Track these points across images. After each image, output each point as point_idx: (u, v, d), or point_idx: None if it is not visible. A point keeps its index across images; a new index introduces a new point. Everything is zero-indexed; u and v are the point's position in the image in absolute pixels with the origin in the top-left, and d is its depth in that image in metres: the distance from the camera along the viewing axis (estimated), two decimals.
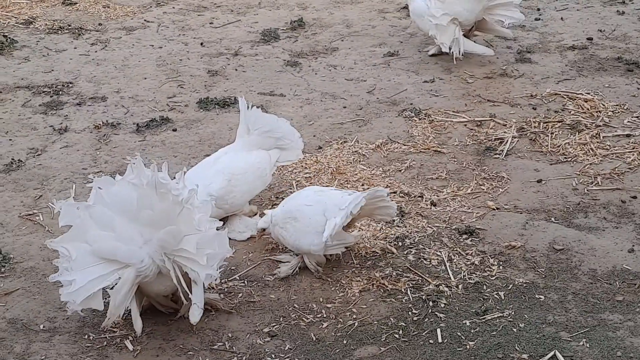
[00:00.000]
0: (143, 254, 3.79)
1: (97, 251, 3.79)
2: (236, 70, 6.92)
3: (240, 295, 4.24)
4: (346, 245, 4.40)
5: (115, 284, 3.79)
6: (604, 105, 6.08)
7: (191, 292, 3.89)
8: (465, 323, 4.01)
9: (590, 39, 7.30)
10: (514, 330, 3.95)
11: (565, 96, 6.26)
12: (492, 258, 4.48)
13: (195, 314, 3.87)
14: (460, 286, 4.27)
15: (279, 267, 4.43)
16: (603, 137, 5.67)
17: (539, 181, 5.19)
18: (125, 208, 3.81)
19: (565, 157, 5.45)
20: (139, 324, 3.92)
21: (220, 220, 4.65)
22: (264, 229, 4.56)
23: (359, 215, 4.31)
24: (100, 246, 3.79)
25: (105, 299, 3.84)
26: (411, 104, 6.23)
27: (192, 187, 3.87)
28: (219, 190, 4.61)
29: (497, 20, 6.91)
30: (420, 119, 5.98)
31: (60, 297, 3.78)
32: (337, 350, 3.87)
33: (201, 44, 7.47)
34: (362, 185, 5.12)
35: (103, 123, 6.00)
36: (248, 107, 4.85)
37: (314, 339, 3.95)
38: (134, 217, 3.81)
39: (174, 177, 3.87)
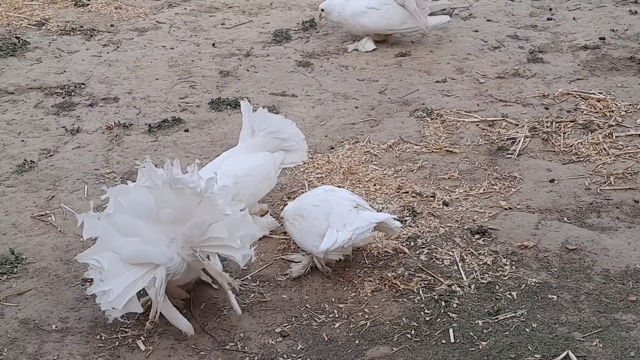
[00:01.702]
0: (172, 252, 3.85)
1: (126, 257, 3.83)
2: (248, 70, 6.93)
3: (252, 295, 4.24)
4: (345, 254, 4.39)
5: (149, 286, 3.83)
6: (616, 104, 6.06)
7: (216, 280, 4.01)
8: (478, 323, 4.00)
9: (602, 38, 7.28)
10: (527, 330, 3.94)
11: (577, 96, 6.24)
12: (504, 258, 4.47)
13: (236, 304, 3.96)
14: (472, 286, 4.25)
15: (291, 267, 4.43)
16: (616, 136, 5.65)
17: (552, 181, 5.17)
18: (145, 212, 3.86)
19: (577, 157, 5.43)
20: (185, 323, 3.96)
21: None
22: None
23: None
24: (129, 252, 3.83)
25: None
26: (423, 104, 6.22)
27: (209, 176, 3.89)
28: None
29: None
30: (432, 119, 5.97)
31: (100, 307, 3.79)
32: (349, 351, 3.87)
33: (213, 44, 7.48)
34: (374, 185, 5.12)
35: (115, 124, 6.01)
36: (254, 109, 4.84)
37: (326, 339, 3.94)
38: (156, 219, 3.85)
39: (186, 171, 3.90)
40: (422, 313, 4.08)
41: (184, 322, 3.94)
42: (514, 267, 4.39)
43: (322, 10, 7.21)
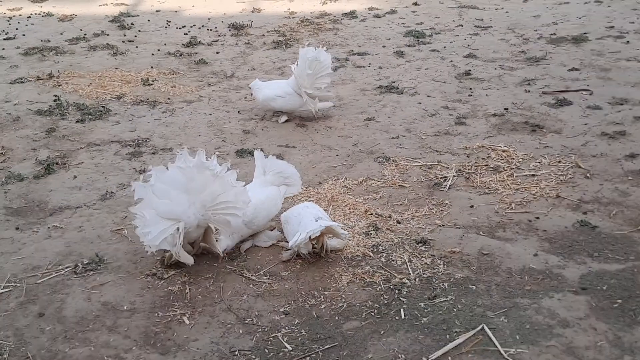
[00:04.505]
0: (190, 212, 4.06)
1: (161, 213, 4.05)
2: (262, 130, 6.93)
3: (264, 285, 4.23)
4: (308, 250, 4.38)
5: (173, 233, 4.07)
6: (516, 154, 6.08)
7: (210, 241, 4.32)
8: (421, 305, 3.99)
9: (506, 109, 7.31)
10: (455, 310, 3.93)
11: (489, 148, 6.26)
12: (439, 259, 4.46)
13: (218, 248, 4.36)
14: (417, 279, 4.25)
15: (282, 253, 4.49)
16: (515, 176, 5.66)
17: (472, 206, 5.18)
18: (175, 184, 4.05)
19: (489, 190, 5.44)
20: (189, 258, 4.23)
21: (249, 236, 4.68)
22: None
23: (326, 232, 4.32)
24: (163, 209, 4.04)
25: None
26: (383, 153, 6.23)
27: (224, 163, 4.18)
28: (249, 215, 4.55)
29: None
30: (389, 164, 5.98)
31: (143, 244, 4.08)
32: (331, 324, 3.85)
33: (238, 112, 7.49)
34: (349, 209, 5.11)
35: None
36: (265, 156, 4.88)
37: (315, 316, 3.93)
38: (182, 189, 4.04)
39: (208, 159, 4.15)
40: (382, 298, 4.07)
41: (189, 258, 4.20)
42: (445, 266, 4.39)
43: (250, 87, 7.24)
